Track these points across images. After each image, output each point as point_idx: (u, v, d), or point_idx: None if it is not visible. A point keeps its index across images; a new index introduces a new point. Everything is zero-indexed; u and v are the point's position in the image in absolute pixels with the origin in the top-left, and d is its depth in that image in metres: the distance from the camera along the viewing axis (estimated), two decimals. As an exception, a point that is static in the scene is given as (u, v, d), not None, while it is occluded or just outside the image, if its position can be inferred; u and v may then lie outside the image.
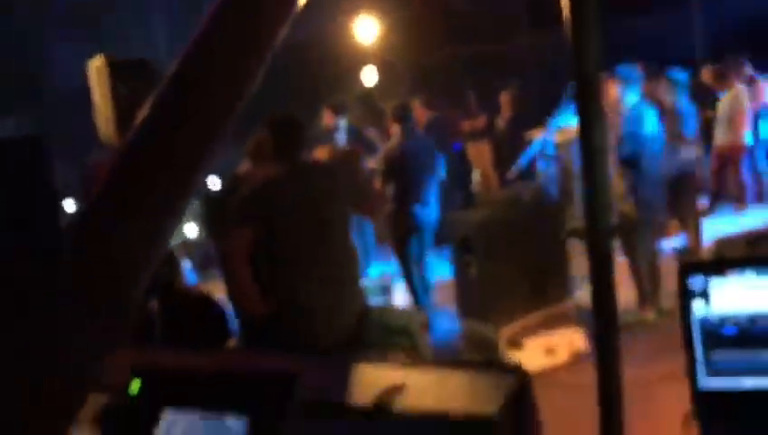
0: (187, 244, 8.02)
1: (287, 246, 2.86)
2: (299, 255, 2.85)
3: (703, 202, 6.09)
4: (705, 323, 1.47)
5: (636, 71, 5.24)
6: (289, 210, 2.83)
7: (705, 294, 1.49)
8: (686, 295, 1.50)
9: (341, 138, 5.51)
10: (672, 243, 5.93)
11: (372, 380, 1.34)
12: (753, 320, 1.37)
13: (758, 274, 1.40)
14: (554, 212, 4.81)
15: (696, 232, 5.82)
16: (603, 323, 1.75)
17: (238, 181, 3.88)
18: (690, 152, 5.53)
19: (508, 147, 8.45)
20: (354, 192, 3.06)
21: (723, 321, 1.43)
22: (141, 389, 1.58)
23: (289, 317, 2.84)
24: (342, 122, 5.43)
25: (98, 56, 5.03)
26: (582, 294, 5.26)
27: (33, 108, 9.60)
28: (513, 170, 7.84)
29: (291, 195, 2.85)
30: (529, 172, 8.06)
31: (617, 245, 5.06)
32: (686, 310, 1.50)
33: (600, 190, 1.71)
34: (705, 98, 6.41)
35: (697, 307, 1.46)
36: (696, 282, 1.51)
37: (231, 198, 3.69)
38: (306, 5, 0.70)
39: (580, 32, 1.64)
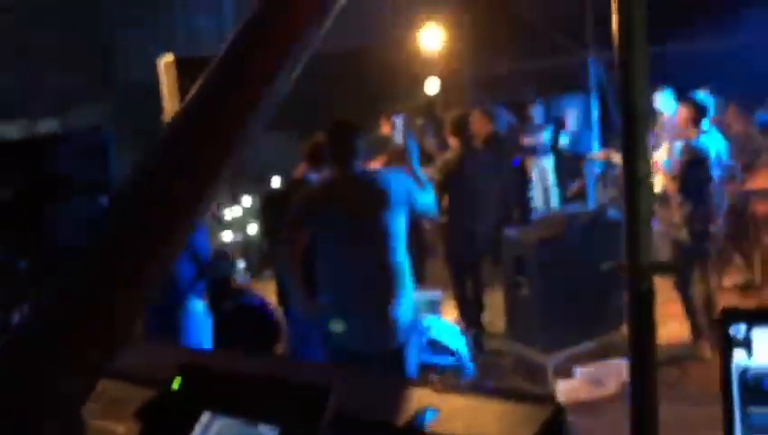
0: (247, 242, 8.18)
1: (336, 251, 2.90)
2: (348, 262, 2.88)
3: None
4: (745, 375, 1.40)
5: (708, 97, 5.09)
6: (340, 216, 2.87)
7: (747, 344, 1.42)
8: (726, 343, 1.44)
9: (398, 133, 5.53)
10: (735, 278, 5.69)
11: (408, 399, 1.36)
12: (797, 377, 1.32)
13: None
14: (612, 236, 4.67)
15: (761, 268, 5.57)
16: (639, 363, 1.71)
17: (295, 183, 3.97)
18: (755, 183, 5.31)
19: (570, 164, 8.31)
20: (410, 196, 3.00)
21: (765, 375, 1.37)
22: (182, 387, 1.66)
23: (336, 324, 2.87)
24: (398, 133, 5.44)
25: (167, 54, 5.28)
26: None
27: (107, 96, 10.03)
28: (573, 189, 7.70)
29: (343, 201, 2.88)
30: (589, 192, 7.91)
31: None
32: (725, 359, 1.43)
33: (641, 223, 1.67)
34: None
35: (738, 357, 1.41)
36: (738, 330, 1.44)
37: (287, 199, 3.78)
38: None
39: (630, 64, 1.62)
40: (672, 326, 4.93)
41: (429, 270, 6.55)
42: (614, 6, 1.58)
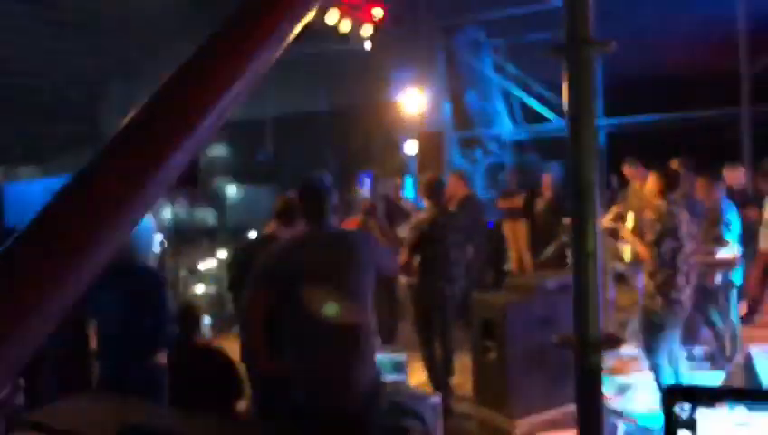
0: (221, 295, 8.08)
1: (303, 312, 2.79)
2: (314, 322, 2.78)
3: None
4: (689, 454, 1.38)
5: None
6: (308, 276, 2.79)
7: (690, 425, 1.40)
8: (670, 422, 1.42)
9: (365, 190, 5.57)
10: (703, 349, 5.72)
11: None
12: (739, 460, 1.27)
13: (749, 409, 1.31)
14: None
15: (730, 341, 5.60)
16: (587, 438, 1.69)
17: (264, 239, 3.95)
18: (727, 254, 5.39)
19: (546, 229, 8.39)
20: (376, 257, 2.97)
21: (709, 456, 1.35)
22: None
23: (299, 385, 2.80)
24: (365, 190, 5.50)
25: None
26: (604, 390, 5.08)
27: (91, 149, 10.05)
28: (548, 254, 7.76)
29: (311, 261, 2.81)
30: (563, 258, 7.96)
31: (638, 343, 4.92)
32: None
33: (589, 297, 1.68)
34: (748, 198, 6.27)
35: None
36: (682, 409, 1.42)
37: (255, 253, 3.75)
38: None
39: (580, 139, 1.66)
40: (643, 395, 4.91)
41: (400, 330, 6.51)
42: (564, 85, 1.64)
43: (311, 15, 0.95)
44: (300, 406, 2.81)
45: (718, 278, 5.49)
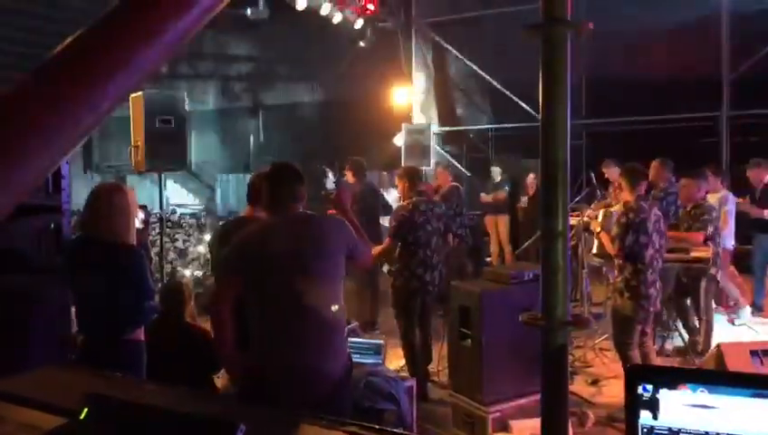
0: (199, 280, 8.11)
1: (271, 297, 2.77)
2: (282, 308, 2.76)
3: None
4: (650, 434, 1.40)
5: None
6: (275, 262, 2.75)
7: (653, 405, 1.42)
8: (633, 402, 1.44)
9: (330, 181, 5.59)
10: (677, 340, 5.82)
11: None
12: (699, 440, 1.28)
13: (711, 392, 1.31)
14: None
15: (704, 335, 5.71)
16: (550, 417, 1.73)
17: (240, 221, 3.93)
18: (703, 250, 5.48)
19: (527, 225, 8.49)
20: (349, 244, 2.91)
21: (669, 435, 1.37)
22: (89, 417, 1.64)
23: (270, 370, 2.76)
24: (329, 181, 5.53)
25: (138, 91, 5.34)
26: (577, 382, 5.16)
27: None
28: (527, 246, 7.85)
29: (278, 246, 2.76)
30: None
31: (609, 332, 5.00)
32: (632, 419, 1.43)
33: (557, 277, 1.72)
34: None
35: (644, 417, 1.37)
36: (645, 390, 1.44)
37: (229, 236, 3.75)
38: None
39: (552, 119, 1.70)
40: (614, 387, 4.99)
41: (381, 317, 6.55)
42: (541, 67, 1.67)
43: None
44: (270, 390, 2.76)
45: (694, 273, 5.60)
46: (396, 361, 5.32)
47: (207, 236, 8.97)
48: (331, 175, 3.39)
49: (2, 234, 3.39)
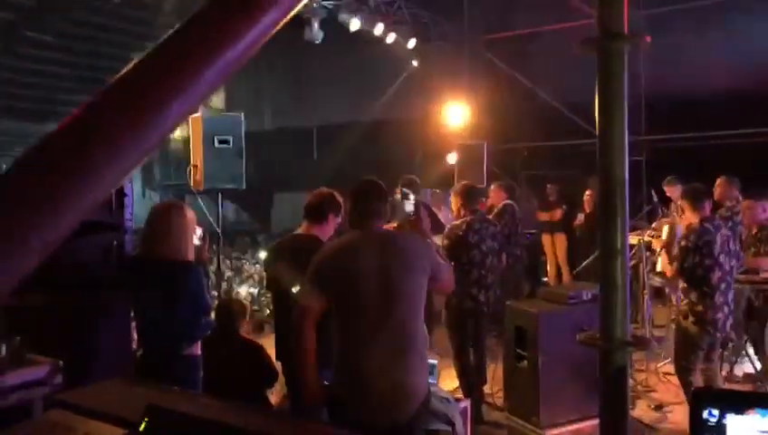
0: (254, 297, 8.26)
1: (356, 311, 2.72)
2: (367, 322, 2.70)
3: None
4: (716, 461, 1.32)
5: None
6: (361, 276, 2.70)
7: (720, 431, 1.34)
8: (698, 428, 1.37)
9: (409, 203, 5.57)
10: (746, 368, 5.54)
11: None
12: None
13: None
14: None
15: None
16: (609, 435, 1.67)
17: (295, 238, 3.94)
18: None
19: (584, 243, 8.29)
20: (433, 265, 2.84)
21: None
22: (148, 428, 1.68)
23: (350, 391, 2.71)
24: (408, 201, 5.49)
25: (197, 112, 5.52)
26: (639, 406, 4.97)
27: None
28: (585, 266, 7.64)
29: (364, 261, 2.72)
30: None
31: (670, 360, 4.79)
32: None
33: (616, 295, 1.67)
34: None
35: None
36: (711, 414, 1.37)
37: (284, 253, 3.78)
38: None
39: (609, 134, 1.66)
40: (678, 413, 4.78)
41: (434, 336, 6.48)
42: (597, 82, 1.64)
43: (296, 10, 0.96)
44: (345, 417, 2.70)
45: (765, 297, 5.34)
46: (449, 381, 5.24)
47: (263, 254, 9.15)
48: (412, 196, 3.33)
49: (70, 249, 3.53)
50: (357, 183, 2.99)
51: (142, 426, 1.64)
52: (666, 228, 4.96)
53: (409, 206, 3.27)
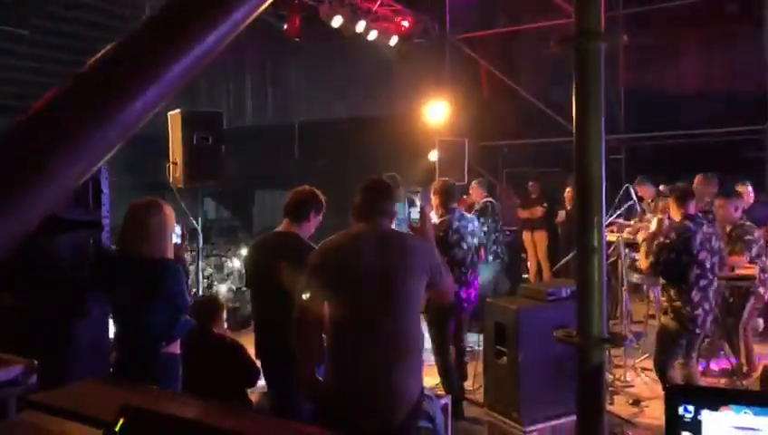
0: (243, 293, 8.21)
1: (351, 313, 2.70)
2: (362, 325, 2.68)
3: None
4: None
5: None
6: (359, 272, 2.69)
7: (695, 427, 1.35)
8: (674, 424, 1.38)
9: (415, 210, 5.56)
10: (722, 363, 5.63)
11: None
12: (743, 465, 1.22)
13: (756, 413, 1.27)
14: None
15: (747, 352, 5.51)
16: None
17: (275, 235, 3.89)
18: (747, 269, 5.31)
19: (565, 240, 8.35)
20: (433, 270, 2.82)
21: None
22: (123, 428, 1.66)
23: (341, 390, 2.70)
24: (414, 208, 5.47)
25: (176, 109, 5.46)
26: (617, 402, 5.02)
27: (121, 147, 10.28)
28: (565, 262, 7.71)
29: (364, 257, 2.71)
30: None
31: (650, 352, 4.85)
32: None
33: (593, 293, 1.68)
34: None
35: None
36: (686, 410, 1.38)
37: (263, 251, 3.75)
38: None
39: (586, 130, 1.67)
40: (655, 408, 4.85)
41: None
42: (574, 81, 1.64)
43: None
44: (335, 416, 2.68)
45: (742, 291, 5.42)
46: (429, 377, 5.26)
47: (244, 251, 9.10)
48: (418, 202, 3.30)
49: (45, 247, 3.47)
50: (367, 180, 3.00)
51: (117, 426, 1.63)
52: (655, 220, 5.00)
53: (415, 213, 3.28)
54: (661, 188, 7.13)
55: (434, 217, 6.96)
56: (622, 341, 1.80)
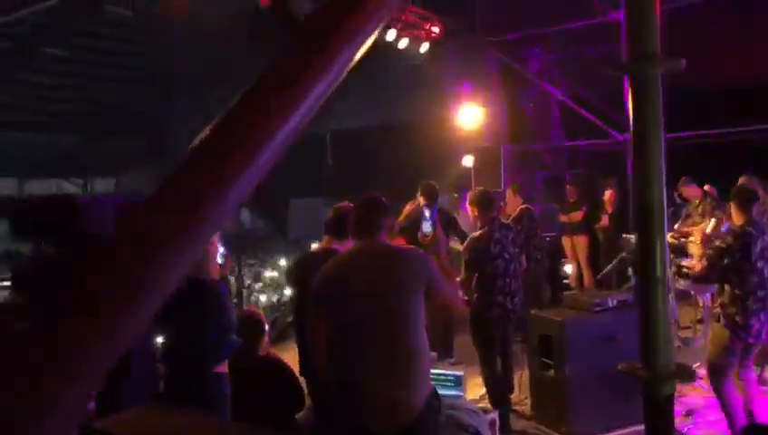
0: (282, 303, 8.27)
1: (349, 328, 2.85)
2: (358, 338, 2.82)
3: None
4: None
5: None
6: (351, 294, 2.83)
7: None
8: None
9: (427, 223, 5.54)
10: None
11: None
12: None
13: None
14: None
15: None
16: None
17: (319, 253, 3.95)
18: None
19: (607, 244, 8.19)
20: (429, 282, 2.93)
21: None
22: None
23: (352, 404, 2.81)
24: (427, 210, 5.43)
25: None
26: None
27: (161, 162, 10.46)
28: (608, 270, 7.56)
29: (354, 279, 2.85)
30: (624, 274, 7.74)
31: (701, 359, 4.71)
32: None
33: (658, 325, 1.62)
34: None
35: None
36: None
37: (308, 269, 3.80)
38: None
39: (647, 160, 1.61)
40: (710, 417, 4.71)
41: (457, 344, 6.45)
42: (631, 108, 1.58)
43: (368, 44, 0.96)
44: (347, 422, 2.82)
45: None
46: (472, 389, 5.21)
47: (282, 262, 9.16)
48: (428, 216, 3.31)
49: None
50: (360, 198, 3.13)
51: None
52: (712, 222, 4.87)
53: (427, 227, 3.36)
54: (706, 188, 6.94)
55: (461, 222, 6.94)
56: (692, 377, 1.74)
